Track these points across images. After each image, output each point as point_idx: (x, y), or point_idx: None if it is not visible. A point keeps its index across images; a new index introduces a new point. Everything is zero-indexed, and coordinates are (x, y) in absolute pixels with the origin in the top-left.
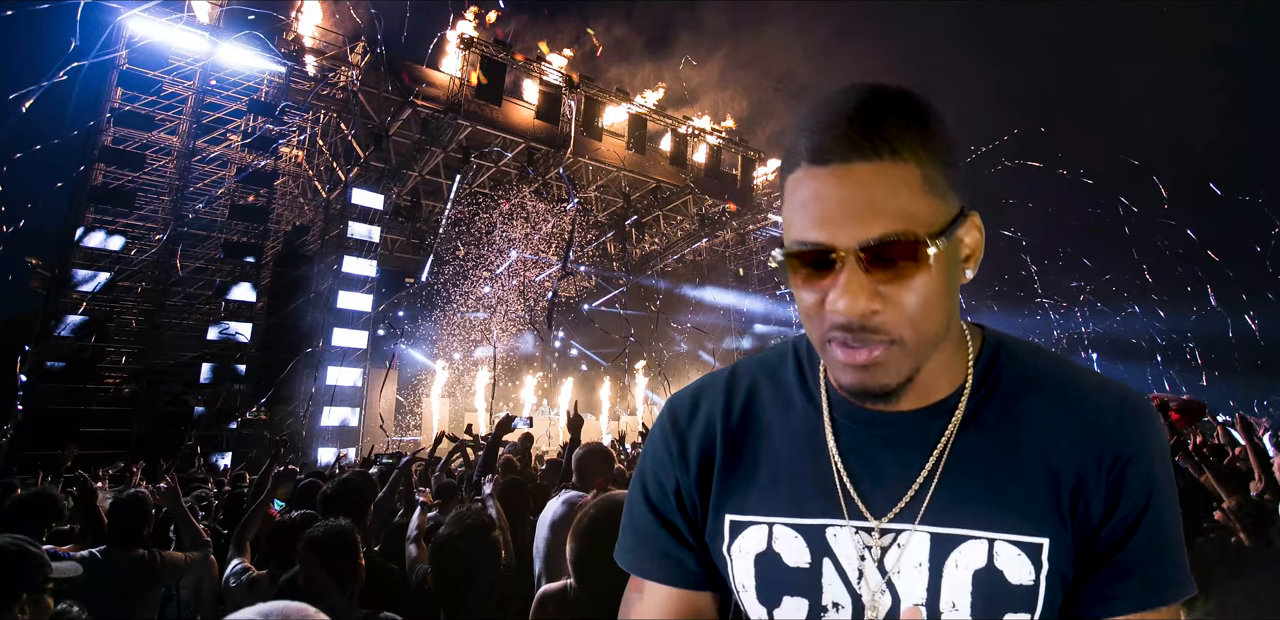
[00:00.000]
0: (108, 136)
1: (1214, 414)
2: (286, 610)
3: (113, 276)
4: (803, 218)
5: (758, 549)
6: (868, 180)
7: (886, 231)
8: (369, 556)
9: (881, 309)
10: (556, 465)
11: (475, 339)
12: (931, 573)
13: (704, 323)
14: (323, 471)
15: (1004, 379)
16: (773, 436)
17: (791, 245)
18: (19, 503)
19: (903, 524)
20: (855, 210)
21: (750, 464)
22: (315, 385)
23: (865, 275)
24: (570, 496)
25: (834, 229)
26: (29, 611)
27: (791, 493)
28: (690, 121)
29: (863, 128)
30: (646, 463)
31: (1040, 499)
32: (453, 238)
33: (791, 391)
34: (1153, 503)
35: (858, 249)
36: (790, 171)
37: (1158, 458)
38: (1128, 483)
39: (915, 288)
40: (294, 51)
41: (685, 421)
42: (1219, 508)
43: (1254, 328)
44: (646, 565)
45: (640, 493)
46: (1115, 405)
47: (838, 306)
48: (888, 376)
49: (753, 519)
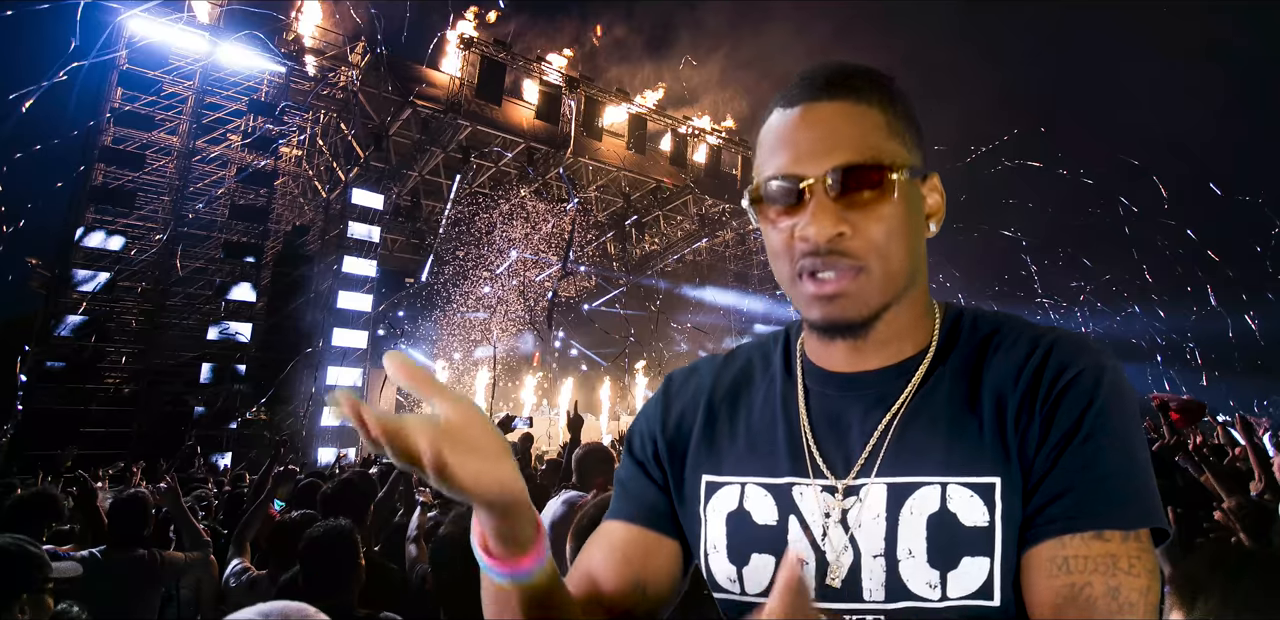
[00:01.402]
0: (108, 136)
1: (1214, 414)
2: (286, 610)
3: (113, 276)
4: (771, 156)
5: (730, 507)
6: (833, 115)
7: (852, 159)
8: (369, 556)
9: (849, 232)
10: (556, 465)
11: (475, 339)
12: (889, 522)
13: (704, 323)
14: (323, 471)
15: (965, 339)
16: (754, 406)
17: (759, 181)
18: (19, 503)
19: (862, 479)
20: (821, 142)
21: (730, 431)
22: (315, 385)
23: (832, 202)
24: (570, 496)
25: (801, 160)
26: (29, 611)
27: (764, 455)
28: (690, 121)
29: (829, 75)
30: (635, 424)
31: (990, 440)
32: (453, 238)
33: (775, 367)
34: (1086, 427)
35: (824, 176)
36: (760, 126)
37: (1103, 386)
38: (1063, 405)
39: (881, 216)
40: (294, 51)
41: (677, 388)
42: (1219, 508)
43: (1254, 328)
44: (619, 506)
45: (627, 451)
46: (1063, 342)
47: (807, 232)
48: (855, 308)
49: (727, 479)
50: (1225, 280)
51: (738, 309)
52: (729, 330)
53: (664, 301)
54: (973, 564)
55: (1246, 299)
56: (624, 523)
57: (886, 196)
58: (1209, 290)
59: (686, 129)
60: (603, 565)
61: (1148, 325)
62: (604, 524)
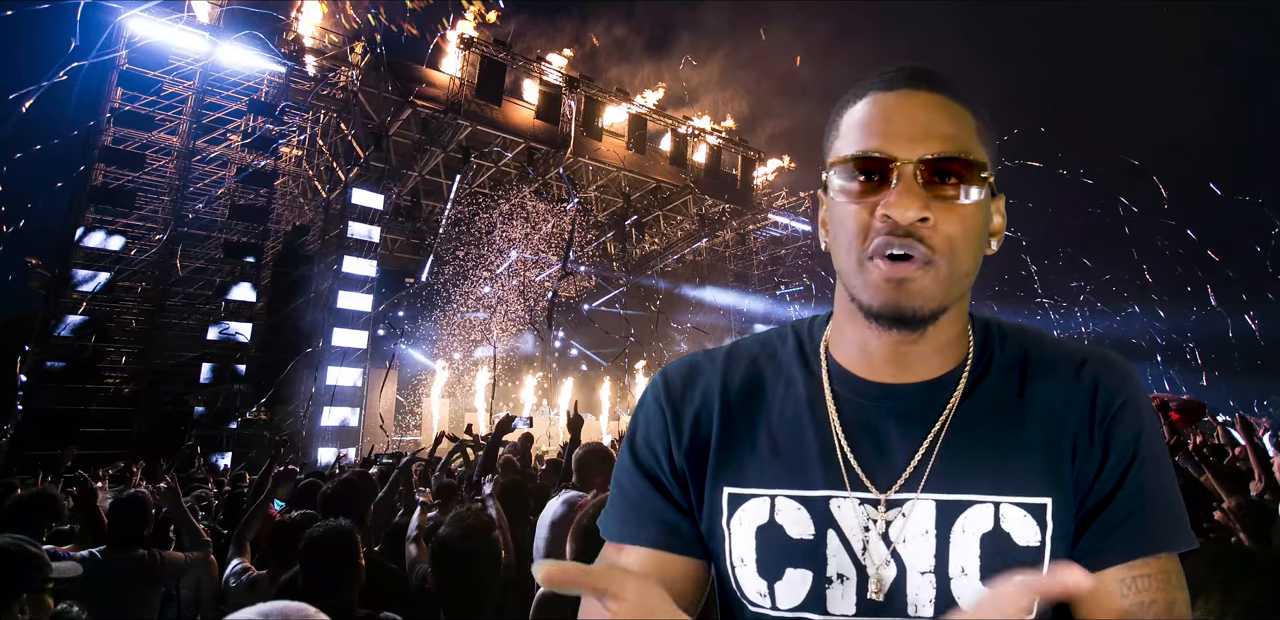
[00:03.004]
0: (108, 136)
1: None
2: (286, 610)
3: (113, 276)
4: (862, 132)
5: (759, 521)
6: (934, 105)
7: (947, 150)
8: (369, 556)
9: (930, 219)
10: (556, 465)
11: (475, 339)
12: (939, 539)
13: (704, 323)
14: (323, 471)
15: (999, 354)
16: (772, 411)
17: (847, 159)
18: (19, 503)
19: (907, 494)
20: (920, 127)
21: (749, 438)
22: (315, 385)
23: (920, 187)
24: (570, 496)
25: (896, 141)
26: (29, 611)
27: (793, 465)
28: (690, 121)
29: (929, 71)
30: (637, 431)
31: (1042, 461)
32: (453, 238)
33: (791, 368)
34: (1139, 454)
35: (918, 160)
36: (847, 107)
37: (1145, 411)
38: (1115, 435)
39: (961, 213)
40: (294, 51)
41: (680, 392)
42: (1219, 508)
43: (1254, 328)
44: (635, 531)
45: (630, 460)
46: (1104, 364)
47: (892, 210)
48: (920, 299)
49: (754, 491)
50: (1225, 280)
51: (738, 309)
52: (729, 330)
53: (664, 301)
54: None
55: (1246, 299)
56: (647, 549)
57: (971, 194)
58: (1209, 290)
59: (686, 129)
60: None
61: (1148, 325)
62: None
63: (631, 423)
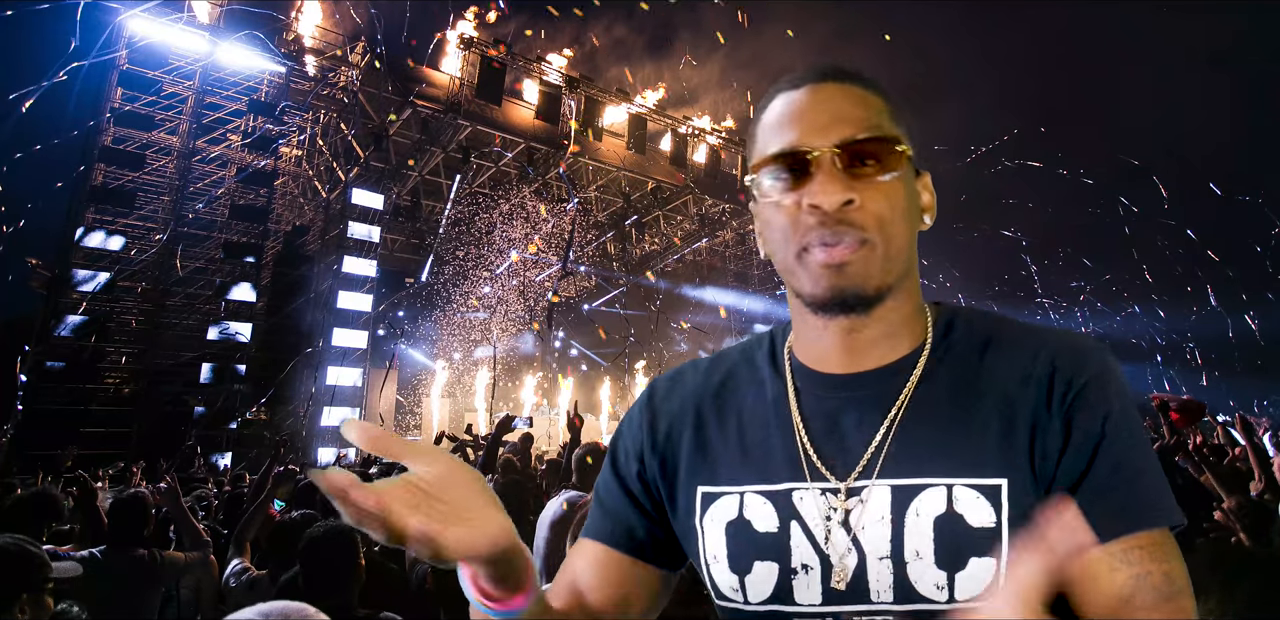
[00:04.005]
0: (108, 136)
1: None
2: (286, 610)
3: (113, 276)
4: (776, 131)
5: (729, 517)
6: (840, 95)
7: (860, 132)
8: (369, 556)
9: (856, 201)
10: (556, 465)
11: (475, 339)
12: (894, 524)
13: (704, 323)
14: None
15: (960, 337)
16: (744, 412)
17: (766, 160)
18: (19, 503)
19: (864, 481)
20: (830, 116)
21: (722, 439)
22: (315, 385)
23: (841, 172)
24: (570, 496)
25: (809, 134)
26: (29, 611)
27: (760, 461)
28: (690, 121)
29: (834, 65)
30: (619, 436)
31: (996, 442)
32: (453, 238)
33: (762, 370)
34: (1108, 432)
35: (833, 147)
36: (760, 113)
37: (1112, 389)
38: (1079, 413)
39: (885, 191)
40: (294, 51)
41: (661, 398)
42: (1219, 508)
43: (1254, 328)
44: (595, 527)
45: (609, 464)
46: (1067, 344)
47: (816, 199)
48: (860, 278)
49: (724, 489)
50: (1225, 280)
51: (738, 309)
52: (729, 330)
53: (664, 301)
54: (979, 565)
55: (1246, 299)
56: (602, 545)
57: (892, 170)
58: (1209, 290)
59: (686, 129)
60: (587, 582)
61: (1148, 325)
62: (584, 539)
63: (617, 429)
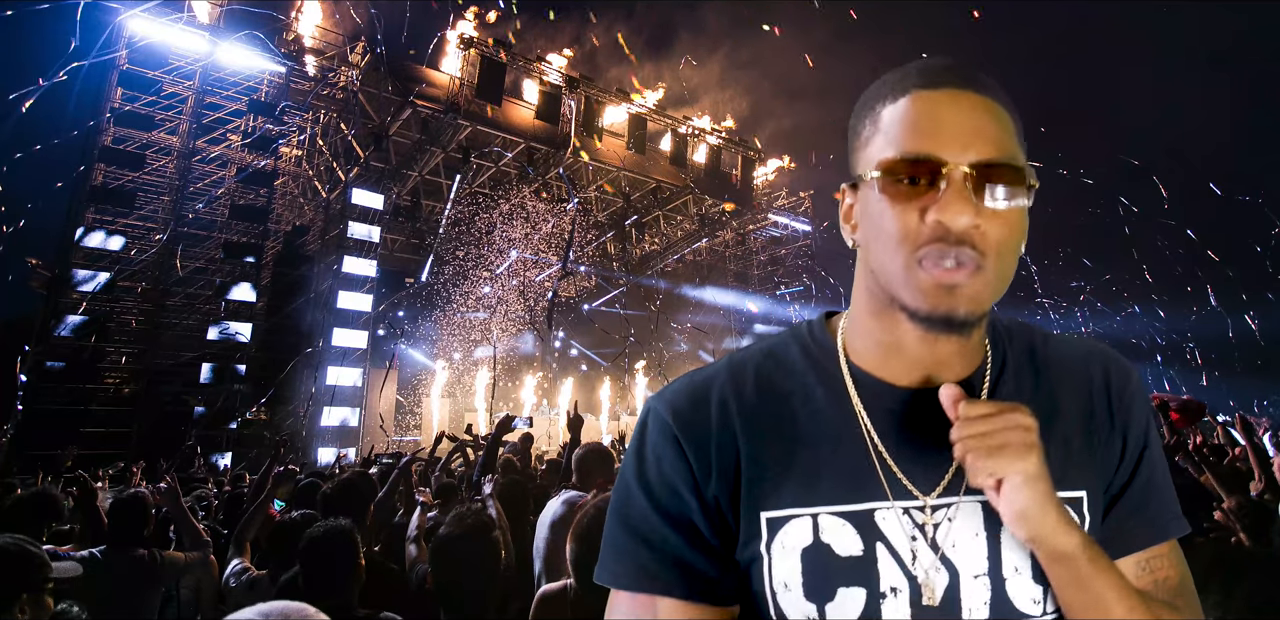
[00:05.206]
0: (108, 136)
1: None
2: (286, 610)
3: (113, 276)
4: (910, 132)
5: (804, 543)
6: (982, 108)
7: (997, 156)
8: (369, 556)
9: (981, 226)
10: (556, 465)
11: (475, 339)
12: (989, 541)
13: (704, 323)
14: (323, 471)
15: (1010, 348)
16: (798, 426)
17: (894, 157)
18: (19, 503)
19: (950, 498)
20: (970, 130)
21: (778, 457)
22: (315, 385)
23: (970, 193)
24: (570, 496)
25: (945, 143)
26: (29, 611)
27: (831, 480)
28: (690, 121)
29: (973, 71)
30: (648, 470)
31: (1073, 455)
32: (453, 238)
33: (808, 378)
34: (1149, 443)
35: (969, 165)
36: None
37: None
38: (1131, 425)
39: (1007, 218)
40: (294, 51)
41: (692, 416)
42: (1219, 508)
43: (1254, 328)
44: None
45: (649, 505)
46: (1101, 353)
47: (944, 216)
48: (971, 303)
49: (793, 512)
50: (1225, 280)
51: (738, 309)
52: (729, 330)
53: (664, 301)
54: None
55: (1246, 299)
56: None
57: (1018, 199)
58: (1209, 290)
59: (686, 129)
60: None
61: (1148, 325)
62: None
63: (636, 460)
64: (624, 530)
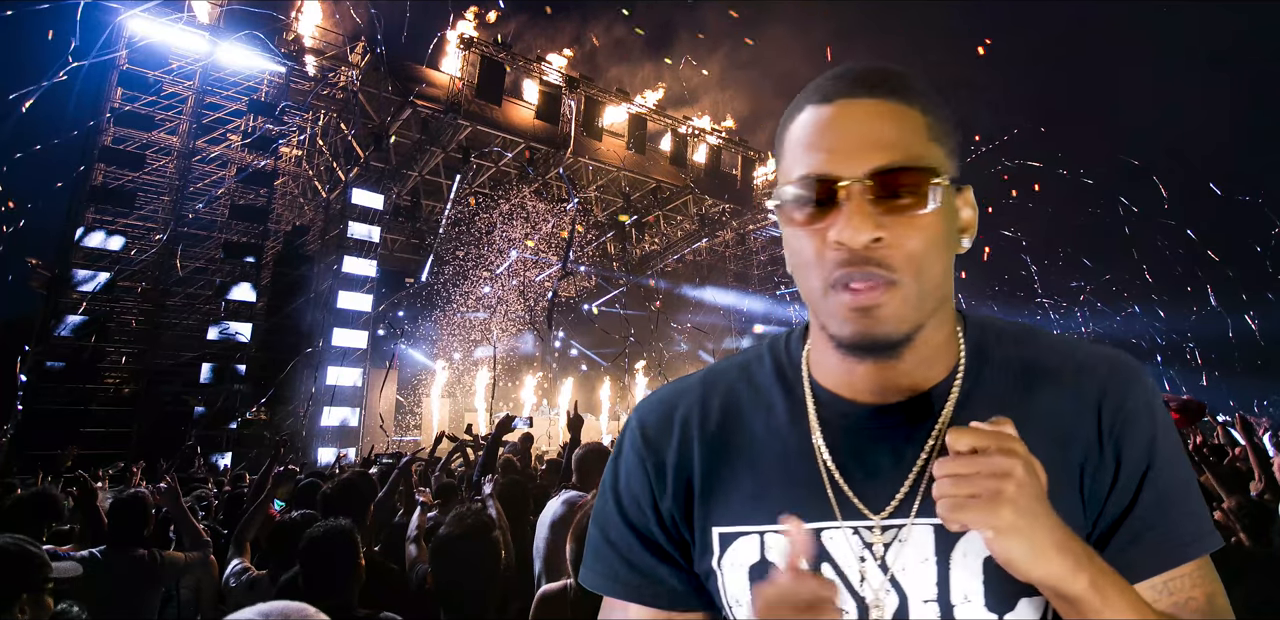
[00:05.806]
0: (108, 136)
1: (1214, 414)
2: (286, 610)
3: (113, 276)
4: (804, 155)
5: (750, 560)
6: (873, 114)
7: (893, 161)
8: (369, 556)
9: (885, 238)
10: (556, 465)
11: (475, 339)
12: (940, 566)
13: (704, 323)
14: (323, 471)
15: (994, 356)
16: (755, 442)
17: (791, 183)
18: (19, 503)
19: (900, 519)
20: (861, 140)
21: (734, 473)
22: (315, 385)
23: (870, 206)
24: (570, 496)
25: (839, 159)
26: (29, 611)
27: (781, 498)
28: (690, 121)
29: (868, 73)
30: (619, 481)
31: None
32: (453, 238)
33: (771, 392)
34: (1154, 461)
35: (864, 177)
36: (789, 123)
37: (1156, 411)
38: (1126, 445)
39: (919, 225)
40: (294, 51)
41: (656, 432)
42: (1219, 508)
43: (1254, 328)
44: (635, 589)
45: (617, 512)
46: (1107, 371)
47: (842, 236)
48: (891, 323)
49: (742, 529)
50: (1225, 280)
51: (738, 309)
52: (729, 330)
53: (664, 301)
54: (1029, 605)
55: (1246, 299)
56: (647, 608)
57: (926, 204)
58: (1209, 290)
59: (686, 129)
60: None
61: (1148, 325)
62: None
63: (611, 470)
64: (600, 536)
